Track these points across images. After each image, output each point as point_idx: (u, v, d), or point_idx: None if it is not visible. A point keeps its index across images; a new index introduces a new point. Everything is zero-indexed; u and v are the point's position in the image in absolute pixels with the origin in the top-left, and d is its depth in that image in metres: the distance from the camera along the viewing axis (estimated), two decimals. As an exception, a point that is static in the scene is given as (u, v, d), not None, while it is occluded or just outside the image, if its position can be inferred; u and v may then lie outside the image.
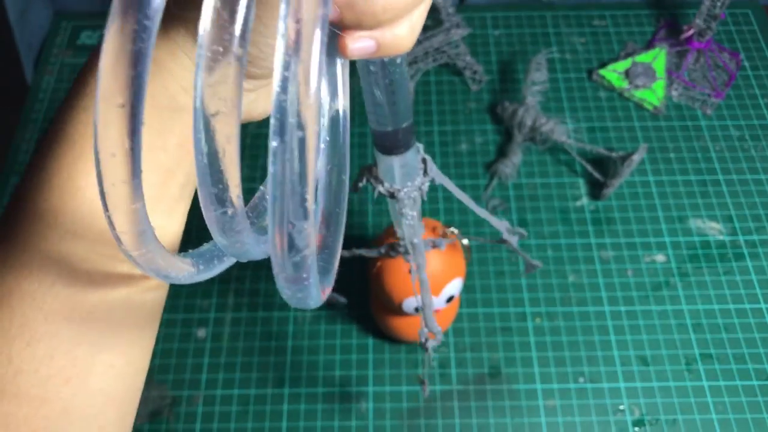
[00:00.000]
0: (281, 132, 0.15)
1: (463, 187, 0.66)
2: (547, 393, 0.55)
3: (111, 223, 0.16)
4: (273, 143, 0.15)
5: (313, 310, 0.59)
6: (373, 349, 0.57)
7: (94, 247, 0.22)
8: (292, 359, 0.57)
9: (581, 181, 0.66)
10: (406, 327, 0.53)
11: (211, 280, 0.62)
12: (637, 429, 0.53)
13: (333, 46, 0.20)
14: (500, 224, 0.43)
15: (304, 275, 0.18)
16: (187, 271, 0.20)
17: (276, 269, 0.18)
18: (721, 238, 0.63)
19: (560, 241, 0.63)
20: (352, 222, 0.64)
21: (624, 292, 0.60)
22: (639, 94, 0.71)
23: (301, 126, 0.15)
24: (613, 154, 0.63)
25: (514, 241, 0.43)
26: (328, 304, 0.58)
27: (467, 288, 0.60)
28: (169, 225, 0.24)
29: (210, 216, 0.17)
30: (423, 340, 0.42)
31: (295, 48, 0.14)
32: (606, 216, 0.64)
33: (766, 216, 0.64)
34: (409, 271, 0.40)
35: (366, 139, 0.70)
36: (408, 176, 0.33)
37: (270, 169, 0.16)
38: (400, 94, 0.26)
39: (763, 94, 0.72)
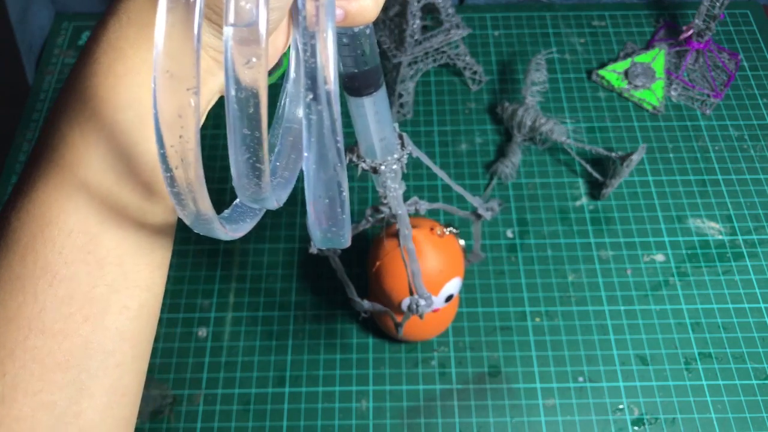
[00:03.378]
0: (314, 88, 0.18)
1: (462, 187, 0.66)
2: (546, 392, 0.55)
3: (173, 182, 0.18)
4: (309, 96, 0.18)
5: (313, 310, 0.60)
6: (373, 349, 0.58)
7: (108, 197, 0.24)
8: (293, 358, 0.57)
9: (581, 181, 0.67)
10: (406, 326, 0.53)
11: (212, 280, 0.62)
12: (636, 428, 0.54)
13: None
14: (474, 199, 0.46)
15: (339, 209, 0.20)
16: (224, 229, 0.22)
17: (314, 207, 0.20)
18: (720, 237, 0.63)
19: (560, 240, 0.63)
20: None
21: (623, 291, 0.60)
22: (638, 94, 0.72)
23: (326, 81, 0.18)
24: (613, 154, 0.64)
25: (487, 216, 0.47)
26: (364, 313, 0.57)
27: (467, 287, 0.60)
28: None
29: (238, 161, 0.19)
30: (414, 306, 0.44)
31: (317, 21, 0.17)
32: (605, 216, 0.64)
33: (765, 216, 0.64)
34: (397, 236, 0.42)
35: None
36: (387, 151, 0.35)
37: (304, 121, 0.18)
38: (372, 64, 0.29)
39: (762, 94, 0.72)
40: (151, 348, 0.29)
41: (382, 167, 0.36)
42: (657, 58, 0.73)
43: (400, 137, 0.36)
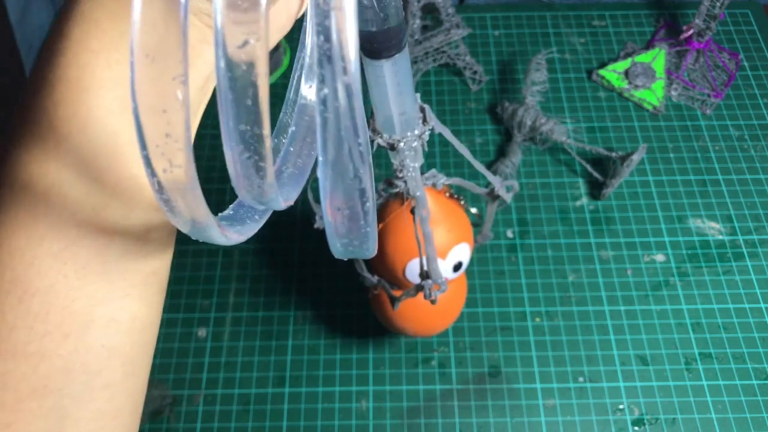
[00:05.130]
0: (329, 79, 0.14)
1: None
2: (546, 392, 0.55)
3: (160, 188, 0.15)
4: (323, 90, 0.15)
5: (313, 310, 0.60)
6: (373, 349, 0.58)
7: (86, 196, 0.20)
8: (293, 358, 0.57)
9: (581, 181, 0.67)
10: (409, 316, 0.48)
11: (212, 280, 0.62)
12: (636, 428, 0.54)
13: None
14: (494, 179, 0.43)
15: (362, 222, 0.17)
16: (224, 235, 0.18)
17: (333, 219, 0.17)
18: (720, 237, 0.63)
19: (560, 240, 0.63)
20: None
21: (623, 291, 0.60)
22: (638, 94, 0.72)
23: (346, 72, 0.14)
24: (613, 154, 0.64)
25: (507, 197, 0.44)
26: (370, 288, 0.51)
27: (468, 288, 0.60)
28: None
29: (236, 160, 0.16)
30: (428, 291, 0.41)
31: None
32: (605, 216, 0.64)
33: (765, 216, 0.64)
34: (412, 211, 0.37)
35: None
36: (407, 125, 0.31)
37: (318, 119, 0.15)
38: (395, 22, 0.25)
39: (763, 94, 0.72)
40: (151, 361, 0.26)
41: (401, 144, 0.32)
42: (657, 58, 0.73)
43: (422, 110, 0.32)
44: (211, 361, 0.57)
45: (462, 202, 0.46)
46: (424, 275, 0.40)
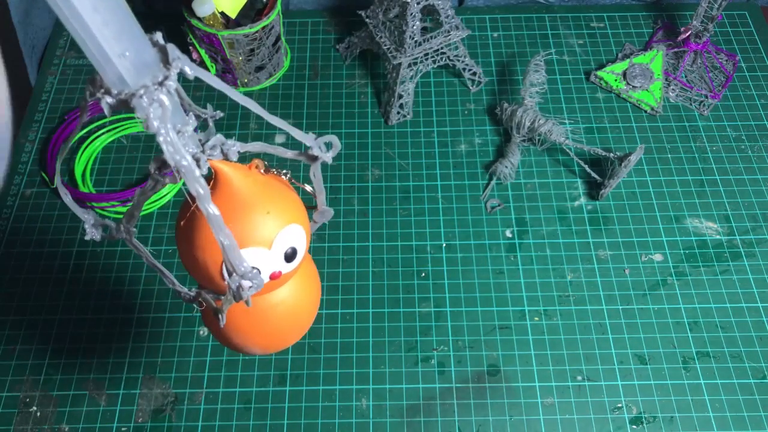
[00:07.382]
0: None
1: (462, 187, 0.67)
2: (545, 391, 0.56)
3: None
4: None
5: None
6: (373, 347, 0.58)
7: None
8: (294, 357, 0.58)
9: (579, 182, 0.67)
10: (244, 327, 0.37)
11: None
12: (634, 427, 0.54)
13: None
14: (306, 137, 0.34)
15: None
16: None
17: None
18: (717, 237, 0.63)
19: (558, 240, 0.63)
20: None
21: (621, 291, 0.60)
22: (636, 95, 0.72)
23: None
24: (611, 155, 0.64)
25: (326, 157, 0.34)
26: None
27: (467, 287, 0.61)
28: None
29: None
30: (235, 287, 0.31)
31: None
32: (604, 216, 0.65)
33: (763, 216, 0.65)
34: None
35: (366, 139, 0.70)
36: (140, 72, 0.24)
37: None
38: None
39: (760, 95, 0.73)
40: None
41: (137, 99, 0.24)
42: (655, 59, 0.74)
43: (161, 49, 0.25)
44: (213, 359, 0.58)
45: (287, 177, 0.37)
46: (230, 271, 0.30)
